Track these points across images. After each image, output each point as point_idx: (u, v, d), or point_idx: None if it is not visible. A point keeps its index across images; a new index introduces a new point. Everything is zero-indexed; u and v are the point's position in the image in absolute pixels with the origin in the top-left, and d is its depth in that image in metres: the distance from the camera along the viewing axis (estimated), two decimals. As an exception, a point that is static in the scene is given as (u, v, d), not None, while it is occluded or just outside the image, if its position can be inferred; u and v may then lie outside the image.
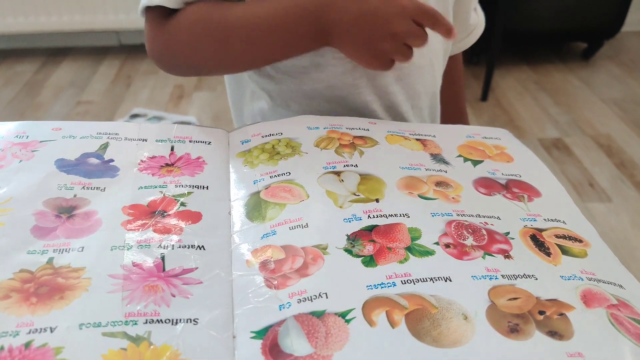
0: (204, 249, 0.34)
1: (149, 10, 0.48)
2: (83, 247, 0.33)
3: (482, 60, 1.88)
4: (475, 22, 0.62)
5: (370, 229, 0.35)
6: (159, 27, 0.48)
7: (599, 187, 1.42)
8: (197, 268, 0.33)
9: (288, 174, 0.41)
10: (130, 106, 1.81)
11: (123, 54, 2.13)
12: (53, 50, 2.16)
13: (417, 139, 0.48)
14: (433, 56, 0.54)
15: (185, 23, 0.47)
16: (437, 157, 0.45)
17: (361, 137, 0.46)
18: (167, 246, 0.34)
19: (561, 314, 0.30)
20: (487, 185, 0.42)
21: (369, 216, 0.36)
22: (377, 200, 0.38)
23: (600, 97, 1.84)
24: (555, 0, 1.86)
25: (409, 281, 0.31)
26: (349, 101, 0.52)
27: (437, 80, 0.57)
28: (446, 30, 0.43)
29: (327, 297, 0.30)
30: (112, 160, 0.42)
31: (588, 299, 0.31)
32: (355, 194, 0.39)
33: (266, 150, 0.44)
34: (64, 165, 0.40)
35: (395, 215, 0.37)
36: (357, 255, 0.33)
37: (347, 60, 0.48)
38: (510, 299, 0.30)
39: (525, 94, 1.86)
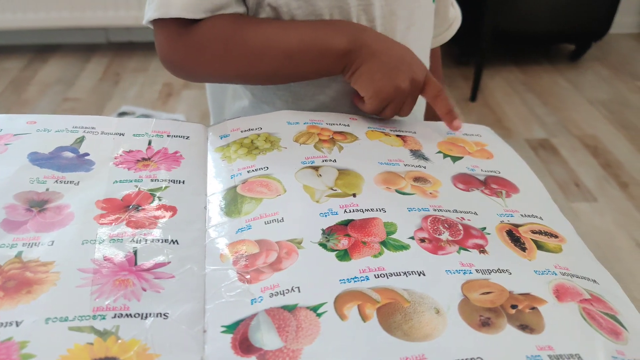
0: (178, 244, 0.34)
1: (162, 19, 0.47)
2: (53, 241, 0.33)
3: (471, 61, 1.88)
4: (453, 16, 0.64)
5: (346, 223, 0.35)
6: (179, 37, 0.47)
7: (585, 187, 1.43)
8: (169, 262, 0.33)
9: (266, 168, 0.40)
10: (118, 104, 1.79)
11: (111, 51, 2.11)
12: (40, 47, 2.13)
13: (397, 135, 0.48)
14: (421, 53, 0.55)
15: (212, 37, 0.46)
16: (416, 153, 0.45)
17: (341, 133, 0.46)
18: (140, 240, 0.34)
19: (533, 308, 0.30)
20: (466, 181, 0.42)
21: (345, 211, 0.36)
22: (354, 195, 0.38)
23: (587, 98, 1.85)
24: (544, 2, 1.88)
25: (382, 275, 0.31)
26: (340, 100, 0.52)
27: None
28: (447, 112, 0.48)
29: (299, 291, 0.30)
30: (87, 154, 0.41)
31: (560, 293, 0.31)
32: (332, 189, 0.38)
33: (245, 145, 0.43)
34: (37, 159, 0.39)
35: (372, 209, 0.36)
36: (332, 250, 0.33)
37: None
38: (483, 293, 0.30)
39: (513, 95, 1.87)
